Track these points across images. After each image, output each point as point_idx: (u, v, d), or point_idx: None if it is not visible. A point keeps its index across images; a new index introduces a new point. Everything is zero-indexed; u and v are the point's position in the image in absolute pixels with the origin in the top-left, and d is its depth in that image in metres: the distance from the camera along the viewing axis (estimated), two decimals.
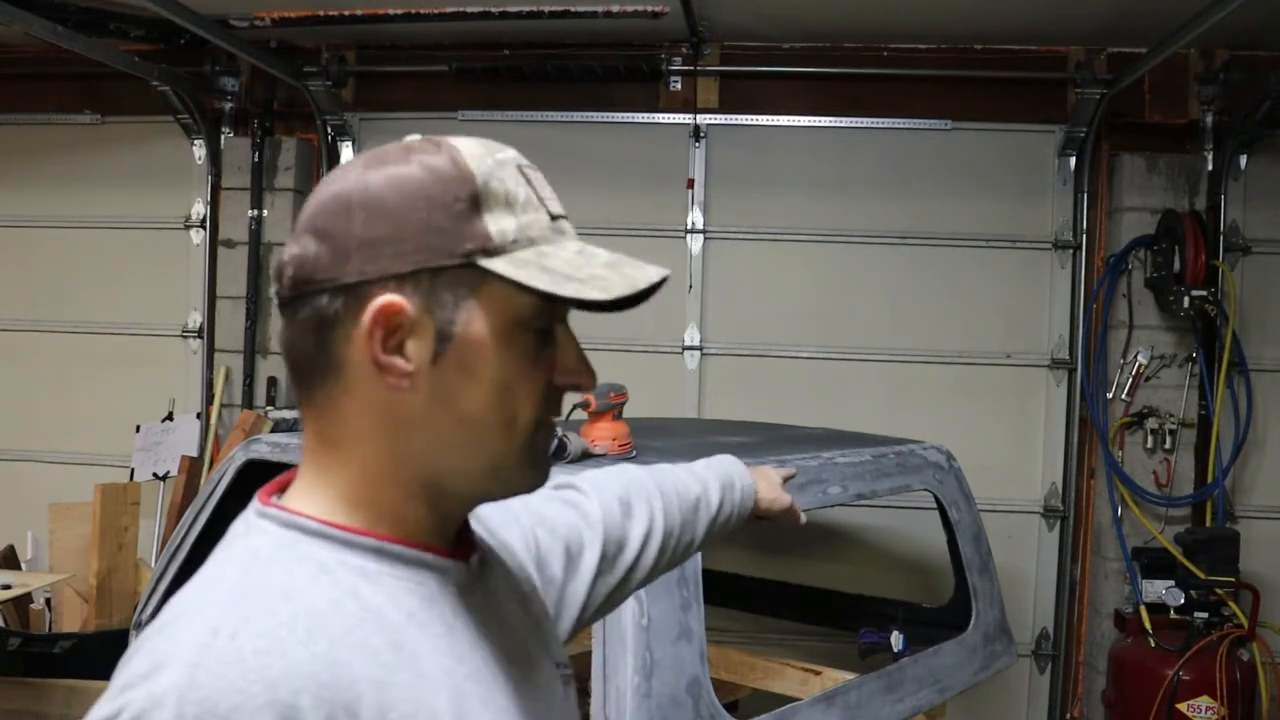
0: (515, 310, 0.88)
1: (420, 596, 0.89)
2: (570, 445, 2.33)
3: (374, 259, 0.85)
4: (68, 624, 4.01)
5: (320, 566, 0.86)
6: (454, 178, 0.87)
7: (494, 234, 0.87)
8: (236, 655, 0.77)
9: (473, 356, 0.88)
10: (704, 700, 2.13)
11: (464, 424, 0.89)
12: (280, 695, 0.76)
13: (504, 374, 0.89)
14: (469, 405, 0.88)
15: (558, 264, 0.88)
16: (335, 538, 0.88)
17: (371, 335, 0.86)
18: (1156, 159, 4.26)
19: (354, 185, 0.88)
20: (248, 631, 0.79)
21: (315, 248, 0.87)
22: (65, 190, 4.86)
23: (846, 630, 3.36)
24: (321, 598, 0.83)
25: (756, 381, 4.53)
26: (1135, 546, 4.08)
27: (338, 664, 0.80)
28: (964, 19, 4.16)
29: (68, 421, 4.83)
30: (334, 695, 0.79)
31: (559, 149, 4.58)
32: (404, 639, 0.85)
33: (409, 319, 0.86)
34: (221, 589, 0.83)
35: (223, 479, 2.68)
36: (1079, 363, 4.37)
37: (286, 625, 0.80)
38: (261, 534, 0.88)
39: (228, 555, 0.88)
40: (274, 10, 4.11)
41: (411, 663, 0.85)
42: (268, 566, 0.85)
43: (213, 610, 0.81)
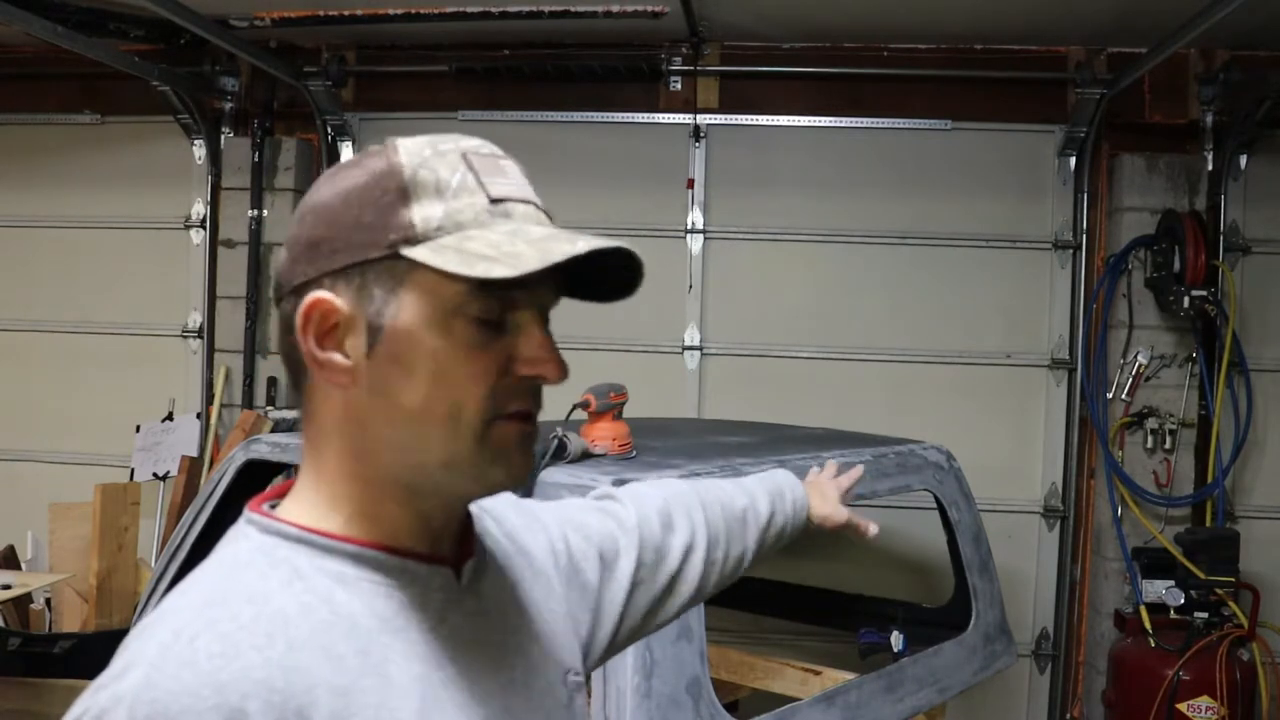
0: (447, 298, 0.86)
1: (398, 602, 0.89)
2: (570, 445, 2.33)
3: (314, 260, 0.88)
4: (68, 624, 4.01)
5: (295, 572, 0.86)
6: (384, 173, 0.88)
7: (418, 222, 0.86)
8: (191, 658, 0.78)
9: (404, 348, 0.86)
10: (704, 700, 2.13)
11: (406, 418, 0.87)
12: (228, 699, 0.77)
13: (438, 364, 0.86)
14: (406, 398, 0.87)
15: (478, 246, 0.85)
16: (314, 543, 0.88)
17: (304, 332, 0.87)
18: (1156, 159, 4.26)
19: (311, 195, 0.92)
20: (207, 635, 0.79)
21: (284, 256, 0.92)
22: (65, 190, 4.86)
23: (846, 630, 3.36)
24: (291, 602, 0.84)
25: (756, 381, 4.53)
26: (1135, 546, 4.08)
27: (294, 668, 0.80)
28: (964, 19, 4.16)
29: (68, 421, 4.83)
30: (285, 700, 0.79)
31: (559, 149, 4.58)
32: (374, 645, 0.85)
33: (341, 314, 0.86)
34: (195, 594, 0.84)
35: (223, 479, 2.68)
36: (1079, 363, 4.37)
37: (246, 629, 0.80)
38: (244, 539, 0.89)
39: (210, 561, 0.89)
40: (274, 10, 4.12)
41: (379, 669, 0.85)
42: (241, 571, 0.86)
43: (183, 614, 0.81)
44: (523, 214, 0.88)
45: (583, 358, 4.38)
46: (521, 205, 0.89)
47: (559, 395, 2.58)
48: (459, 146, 0.89)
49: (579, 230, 0.90)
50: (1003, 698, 4.38)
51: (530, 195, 0.91)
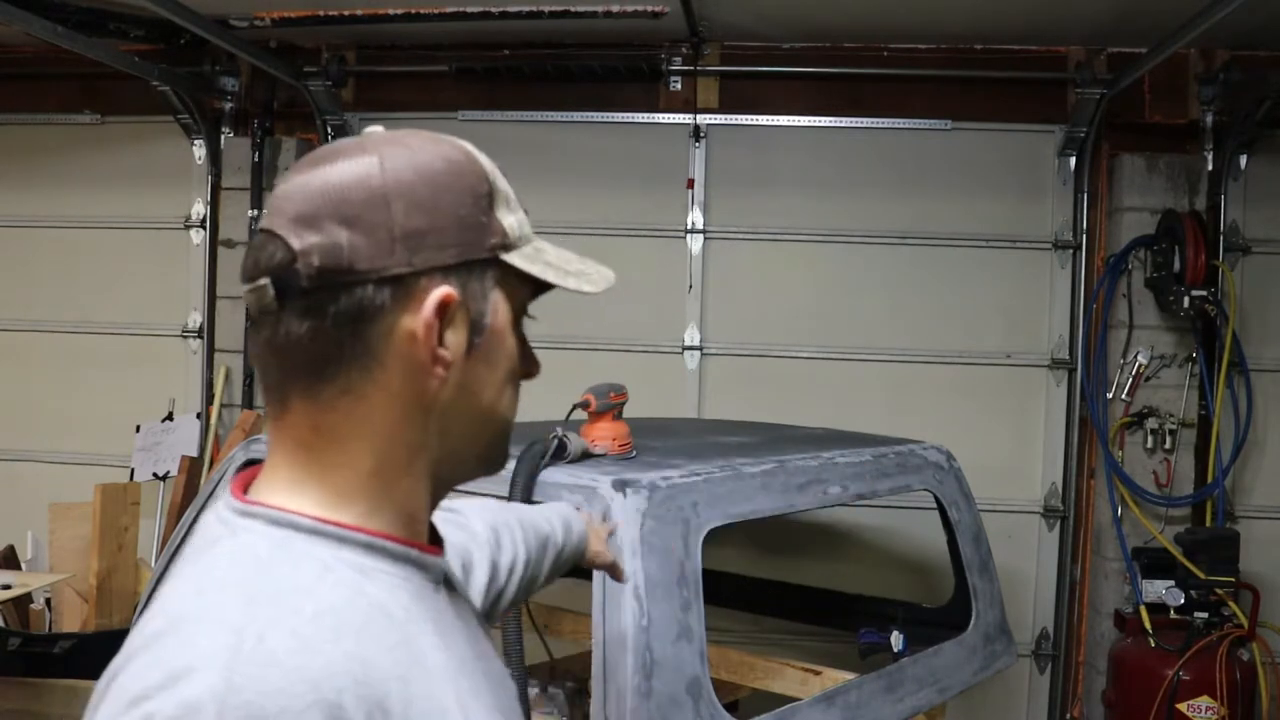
0: (520, 303, 0.93)
1: (409, 592, 0.89)
2: (570, 445, 2.33)
3: (418, 250, 0.86)
4: (68, 624, 4.01)
5: (322, 564, 0.84)
6: (473, 172, 0.91)
7: (509, 228, 0.91)
8: (270, 657, 0.75)
9: (496, 348, 0.92)
10: (704, 700, 2.13)
11: (482, 414, 0.92)
12: (325, 694, 0.75)
13: (512, 365, 0.94)
14: (489, 395, 0.92)
15: (553, 259, 0.93)
16: (329, 534, 0.86)
17: (430, 327, 0.86)
18: (1156, 159, 4.26)
19: (377, 173, 0.86)
20: (276, 632, 0.77)
21: (348, 236, 0.84)
22: (65, 190, 4.86)
23: (846, 630, 3.36)
24: (335, 595, 0.82)
25: (756, 381, 4.53)
26: (1135, 546, 4.08)
27: (366, 661, 0.79)
28: (964, 19, 4.16)
29: (68, 421, 4.83)
30: (369, 693, 0.78)
31: (559, 149, 4.58)
32: (408, 634, 0.86)
33: (459, 311, 0.89)
34: (230, 591, 0.81)
35: (223, 479, 2.67)
36: (1079, 363, 4.37)
37: (312, 624, 0.79)
38: (250, 533, 0.86)
39: (218, 557, 0.85)
40: (274, 10, 4.11)
41: (419, 658, 0.85)
42: (273, 566, 0.83)
43: (228, 613, 0.78)
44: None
45: (583, 358, 4.40)
46: None
47: (559, 395, 2.59)
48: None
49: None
50: (1003, 698, 4.38)
51: None
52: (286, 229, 0.86)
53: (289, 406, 0.89)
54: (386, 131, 0.92)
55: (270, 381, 0.90)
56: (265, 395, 0.92)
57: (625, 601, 2.08)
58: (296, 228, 0.86)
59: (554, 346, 4.38)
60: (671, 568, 2.14)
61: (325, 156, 0.89)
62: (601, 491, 2.16)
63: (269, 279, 0.86)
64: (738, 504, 2.37)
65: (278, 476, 0.90)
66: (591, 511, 1.82)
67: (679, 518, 2.20)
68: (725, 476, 2.38)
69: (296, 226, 0.86)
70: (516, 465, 2.23)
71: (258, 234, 0.90)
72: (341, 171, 0.87)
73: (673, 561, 2.15)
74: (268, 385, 0.90)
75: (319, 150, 0.92)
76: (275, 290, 0.86)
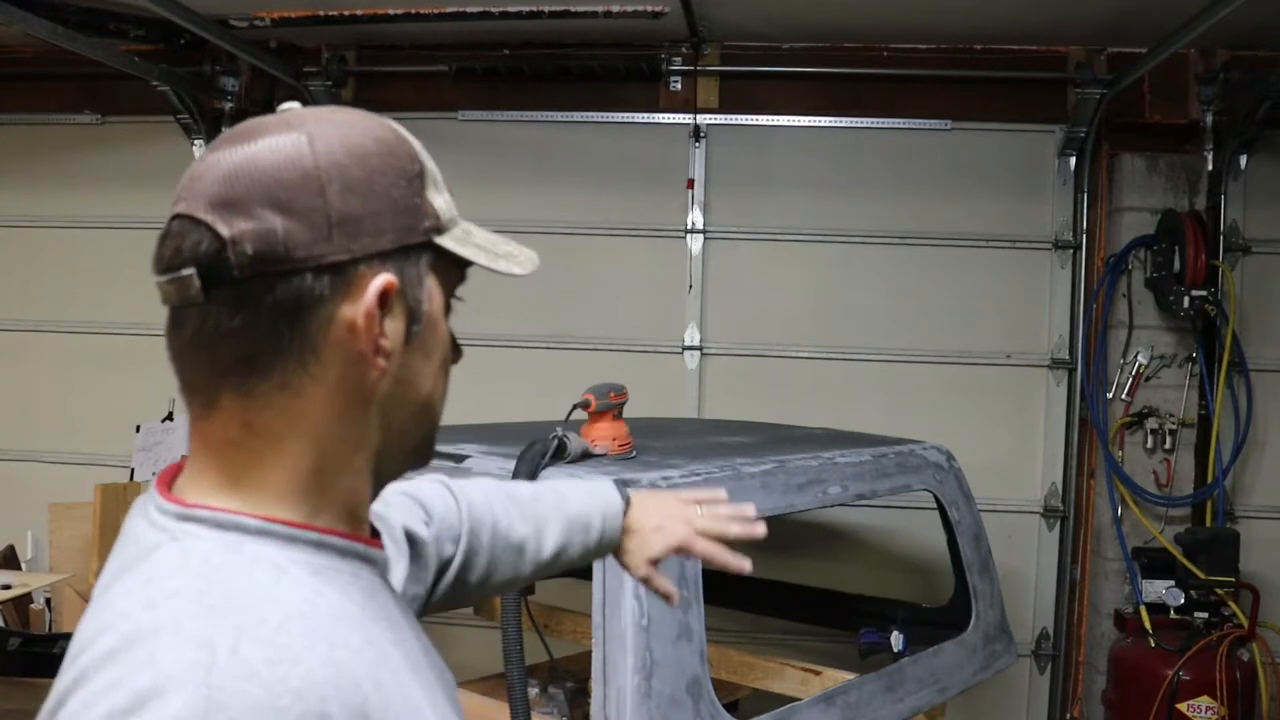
0: (451, 287, 0.89)
1: (360, 589, 0.85)
2: (570, 445, 2.33)
3: (356, 236, 0.81)
4: (68, 624, 4.01)
5: (277, 567, 0.80)
6: (404, 152, 0.86)
7: (440, 210, 0.87)
8: (248, 669, 0.71)
9: (432, 335, 0.88)
10: (704, 700, 2.13)
11: (419, 404, 0.89)
12: (310, 705, 0.72)
13: (444, 353, 0.90)
14: (423, 384, 0.88)
15: (482, 241, 0.90)
16: (278, 534, 0.82)
17: (371, 316, 0.82)
18: (1156, 159, 4.26)
19: (308, 153, 0.81)
20: (249, 642, 0.73)
21: (283, 222, 0.79)
22: (65, 190, 4.86)
23: (846, 630, 3.36)
24: (296, 598, 0.78)
25: (756, 381, 4.53)
26: (1135, 546, 4.08)
27: (341, 666, 0.76)
28: (964, 19, 4.16)
29: (68, 421, 4.83)
30: (349, 699, 0.75)
31: (559, 149, 4.58)
32: (371, 634, 0.82)
33: (399, 300, 0.84)
34: (185, 601, 0.75)
35: None
36: (1079, 363, 4.37)
37: (284, 631, 0.75)
38: (195, 538, 0.80)
39: (160, 565, 0.79)
40: (274, 10, 4.11)
41: (386, 658, 0.82)
42: (227, 571, 0.78)
43: (190, 625, 0.73)
44: None
45: (583, 358, 4.40)
46: None
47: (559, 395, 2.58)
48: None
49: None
50: (1003, 698, 4.38)
51: None
52: (210, 214, 0.80)
53: (217, 405, 0.83)
54: (307, 108, 0.86)
55: (194, 379, 0.84)
56: (186, 394, 0.85)
57: (625, 601, 2.08)
58: (222, 213, 0.80)
59: (554, 346, 4.38)
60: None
61: (245, 134, 0.83)
62: None
63: (194, 269, 0.81)
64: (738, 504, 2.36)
65: (206, 480, 0.84)
66: (684, 492, 1.42)
67: None
68: (725, 476, 2.38)
69: (222, 211, 0.80)
70: (517, 465, 2.23)
71: (172, 220, 0.84)
72: (268, 150, 0.81)
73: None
74: (190, 383, 0.84)
75: (235, 128, 0.85)
76: (201, 281, 0.81)
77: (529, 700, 2.11)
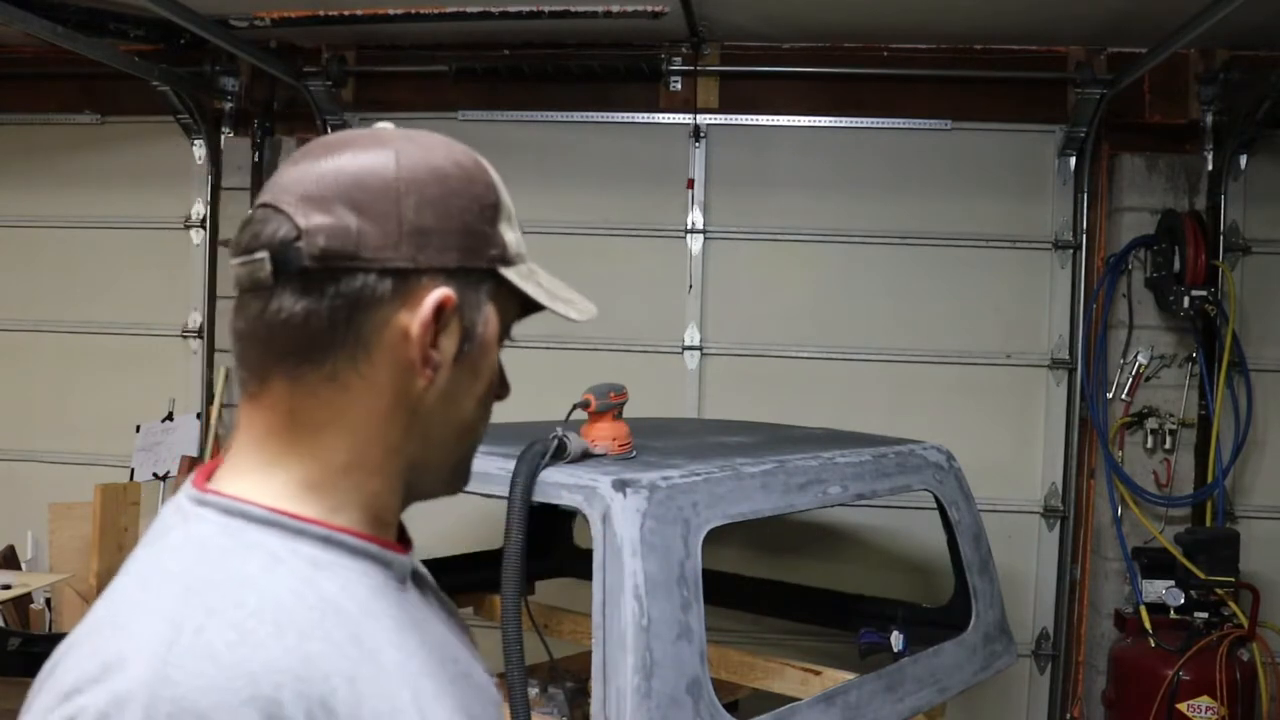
0: (507, 320, 0.93)
1: (368, 588, 0.87)
2: (570, 445, 2.33)
3: (424, 248, 0.85)
4: (68, 624, 4.01)
5: (273, 556, 0.82)
6: (483, 181, 0.91)
7: (510, 244, 0.91)
8: (207, 649, 0.74)
9: (482, 359, 0.91)
10: (704, 700, 2.13)
11: (459, 422, 0.92)
12: (262, 690, 0.73)
13: (491, 379, 0.94)
14: (467, 405, 0.92)
15: (545, 282, 0.94)
16: (285, 525, 0.85)
17: (426, 326, 0.86)
18: (1156, 159, 4.26)
19: (392, 166, 0.86)
20: (215, 624, 0.75)
21: (357, 223, 0.84)
22: (65, 190, 4.86)
23: (846, 630, 3.36)
24: (282, 588, 0.81)
25: (756, 381, 4.53)
26: (1135, 546, 4.08)
27: (310, 657, 0.78)
28: (963, 19, 4.16)
29: (68, 421, 4.83)
30: (311, 690, 0.76)
31: (559, 149, 4.58)
32: (362, 631, 0.83)
33: (455, 316, 0.88)
34: (171, 582, 0.79)
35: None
36: (1079, 363, 4.37)
37: (255, 617, 0.77)
38: (202, 522, 0.84)
39: (165, 546, 0.84)
40: (274, 10, 4.11)
41: (373, 656, 0.83)
42: (219, 556, 0.81)
43: (167, 604, 0.77)
44: None
45: (583, 358, 4.40)
46: None
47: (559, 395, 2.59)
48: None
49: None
50: (1003, 698, 4.38)
51: None
52: (291, 205, 0.85)
53: (267, 387, 0.87)
54: (400, 129, 0.92)
55: (250, 359, 0.88)
56: (242, 373, 0.89)
57: (625, 601, 2.08)
58: (303, 206, 0.84)
59: (554, 346, 4.38)
60: (671, 568, 2.14)
61: (338, 144, 0.89)
62: (601, 491, 2.16)
63: (267, 253, 0.84)
64: (738, 504, 2.37)
65: (244, 462, 0.89)
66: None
67: (679, 518, 2.21)
68: (725, 476, 2.38)
69: (303, 205, 0.84)
70: (517, 465, 2.23)
71: (257, 208, 0.88)
72: (356, 160, 0.86)
73: (673, 561, 2.15)
74: (247, 363, 0.88)
75: (329, 137, 0.90)
76: (273, 265, 0.84)
77: (529, 700, 2.11)
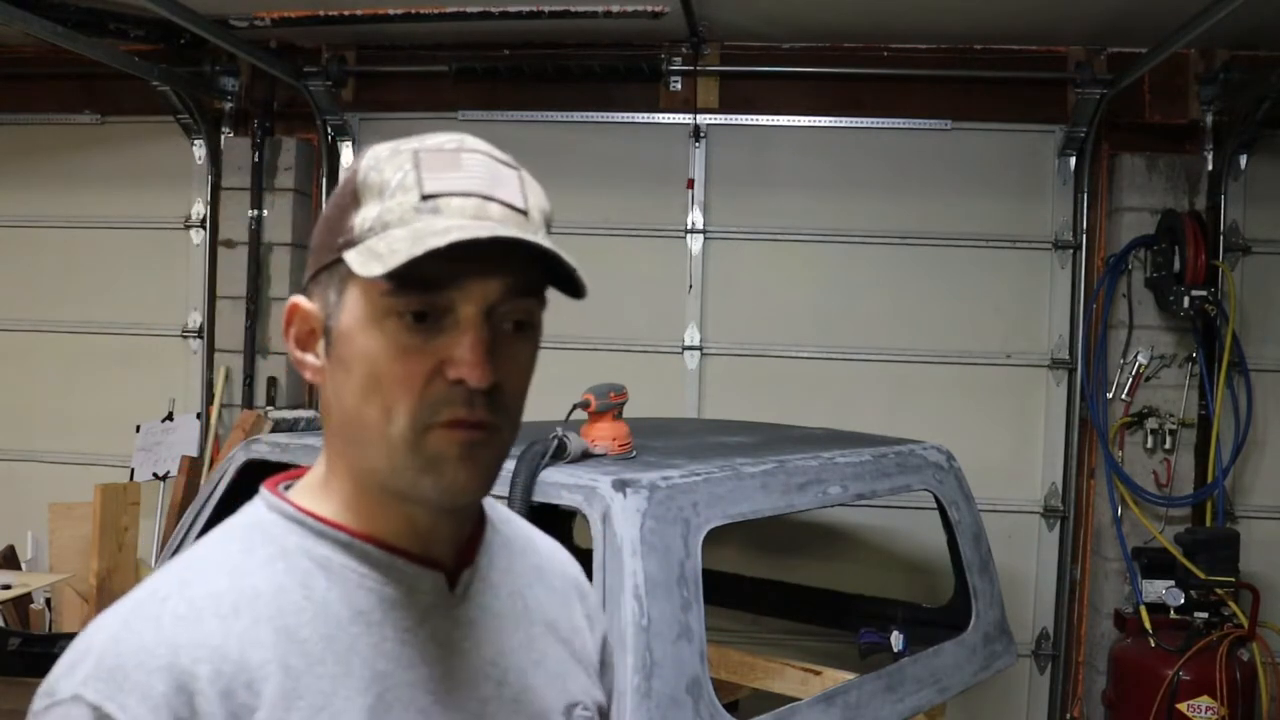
0: (376, 299, 0.85)
1: (379, 597, 0.89)
2: (570, 445, 2.33)
3: (309, 267, 0.92)
4: (68, 624, 4.01)
5: (281, 551, 0.88)
6: (347, 178, 0.90)
7: (356, 225, 0.86)
8: (156, 617, 0.82)
9: (345, 349, 0.87)
10: (704, 700, 2.13)
11: (350, 420, 0.88)
12: (179, 660, 0.80)
13: (371, 367, 0.85)
14: (349, 400, 0.87)
15: (382, 244, 0.83)
16: (308, 525, 0.90)
17: (285, 334, 0.93)
18: (1156, 159, 4.26)
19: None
20: (178, 599, 0.83)
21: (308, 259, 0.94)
22: (65, 190, 4.86)
23: (846, 630, 3.36)
24: (266, 581, 0.86)
25: (756, 381, 4.53)
26: (1135, 546, 4.08)
27: (253, 643, 0.82)
28: (963, 19, 4.16)
29: (68, 421, 4.83)
30: (237, 671, 0.81)
31: (559, 149, 4.58)
32: (342, 634, 0.86)
33: (313, 318, 0.91)
34: (185, 557, 0.89)
35: (223, 479, 2.68)
36: (1079, 363, 4.37)
37: (214, 598, 0.84)
38: (250, 513, 0.93)
39: (217, 527, 0.93)
40: (274, 10, 4.11)
41: (341, 658, 0.85)
42: (230, 543, 0.89)
43: (166, 575, 0.86)
44: (457, 208, 0.84)
45: (583, 358, 4.40)
46: (460, 199, 0.85)
47: (559, 395, 2.59)
48: (423, 145, 0.88)
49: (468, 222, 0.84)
50: (1003, 698, 4.38)
51: (482, 188, 0.86)
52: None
53: None
54: (374, 146, 0.92)
55: None
56: None
57: (625, 601, 2.08)
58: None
59: (554, 346, 4.35)
60: (671, 568, 2.14)
61: None
62: (601, 491, 2.16)
63: None
64: (738, 504, 2.36)
65: (311, 469, 0.96)
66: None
67: (679, 518, 2.20)
68: (725, 476, 2.38)
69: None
70: (516, 465, 2.23)
71: None
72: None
73: (673, 561, 2.15)
74: None
75: None
76: None
77: None
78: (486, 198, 0.86)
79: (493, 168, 0.88)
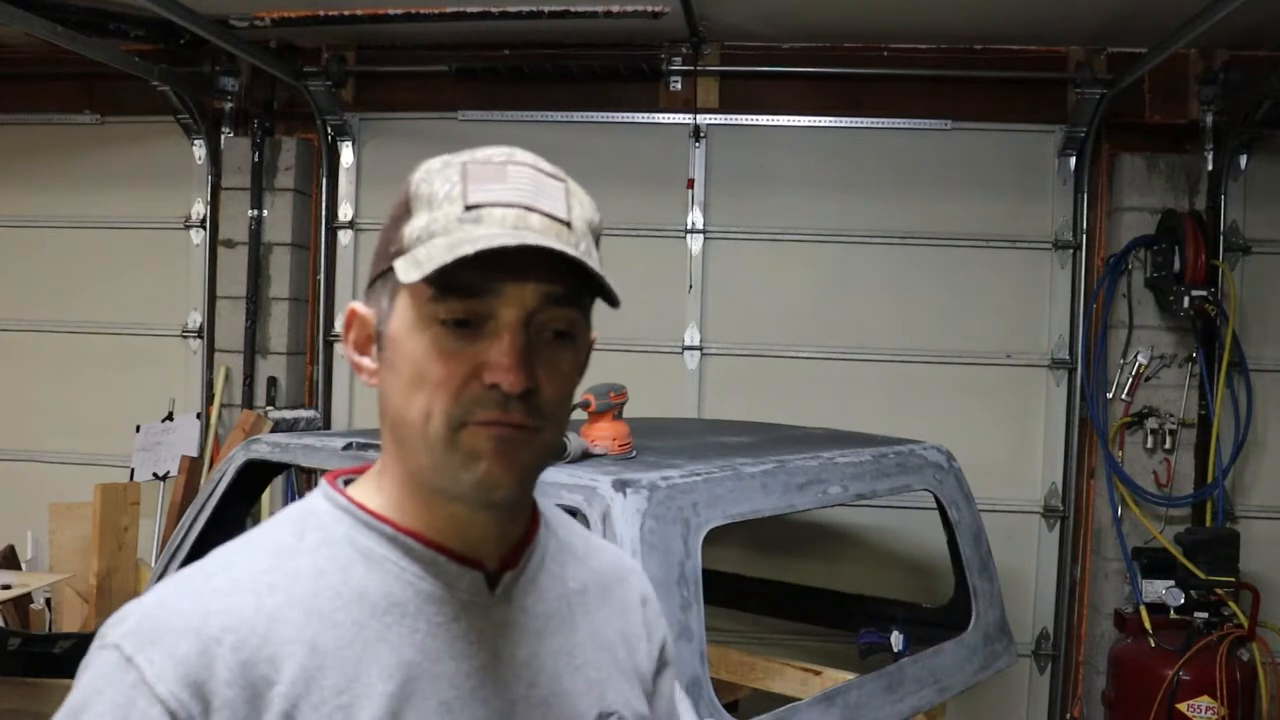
0: (421, 304, 0.89)
1: (416, 590, 0.92)
2: (570, 445, 2.33)
3: (370, 273, 0.97)
4: (68, 624, 4.02)
5: (327, 539, 0.93)
6: (402, 190, 0.94)
7: (406, 234, 0.91)
8: (200, 589, 0.88)
9: (394, 353, 0.92)
10: (704, 700, 2.13)
11: (396, 420, 0.92)
12: (208, 628, 0.84)
13: (415, 369, 0.89)
14: (395, 401, 0.92)
15: (424, 252, 0.87)
16: (357, 517, 0.95)
17: (344, 338, 0.99)
18: (1156, 159, 4.26)
19: None
20: (222, 575, 0.89)
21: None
22: (66, 190, 4.86)
23: (846, 630, 3.36)
24: (309, 564, 0.91)
25: (756, 381, 4.53)
26: (1135, 546, 4.08)
27: (282, 620, 0.86)
28: (964, 19, 4.16)
29: (68, 421, 4.83)
30: (261, 645, 0.85)
31: (559, 149, 4.49)
32: (373, 622, 0.90)
33: (369, 322, 0.96)
34: (242, 538, 0.94)
35: (223, 479, 2.67)
36: (1079, 363, 4.37)
37: (255, 576, 0.88)
38: (308, 500, 0.98)
39: (274, 514, 0.99)
40: (274, 10, 4.11)
41: (370, 645, 0.88)
42: (281, 527, 0.95)
43: (219, 554, 0.92)
44: (499, 218, 0.88)
45: None
46: (502, 210, 0.88)
47: None
48: (472, 157, 0.93)
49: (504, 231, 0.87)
50: (1003, 698, 4.38)
51: (524, 199, 0.90)
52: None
53: None
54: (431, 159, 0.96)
55: None
56: None
57: None
58: None
59: None
60: (671, 568, 2.14)
61: None
62: (601, 491, 2.16)
63: None
64: (738, 504, 2.36)
65: (373, 470, 1.00)
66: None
67: (679, 518, 2.20)
68: (725, 476, 2.38)
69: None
70: None
71: None
72: None
73: (673, 561, 2.15)
74: None
75: None
76: None
77: None
78: (528, 208, 0.89)
79: (538, 179, 0.92)
